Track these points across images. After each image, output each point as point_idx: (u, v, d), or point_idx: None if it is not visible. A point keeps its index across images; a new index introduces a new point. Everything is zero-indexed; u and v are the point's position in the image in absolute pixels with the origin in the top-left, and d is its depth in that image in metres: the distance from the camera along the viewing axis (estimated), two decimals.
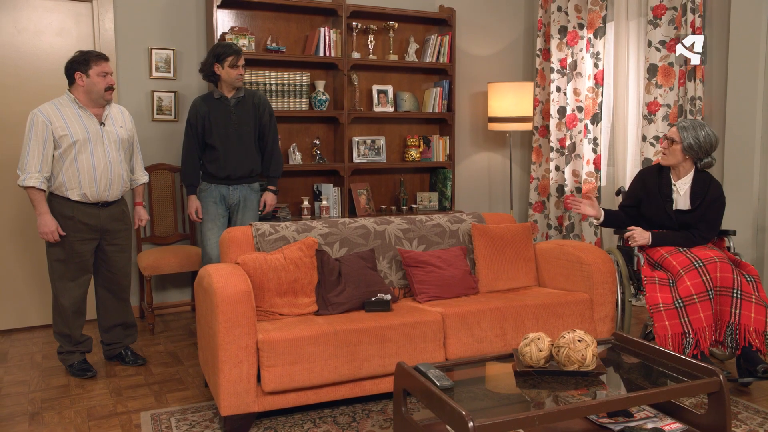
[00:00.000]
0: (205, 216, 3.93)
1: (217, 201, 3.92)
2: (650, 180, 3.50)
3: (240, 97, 3.91)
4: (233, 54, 3.80)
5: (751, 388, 3.21)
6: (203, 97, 3.94)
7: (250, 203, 4.00)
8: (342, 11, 4.75)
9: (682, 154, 3.34)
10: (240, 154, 3.89)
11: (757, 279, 3.14)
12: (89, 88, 3.28)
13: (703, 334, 3.05)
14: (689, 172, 3.39)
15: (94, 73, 3.26)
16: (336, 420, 2.87)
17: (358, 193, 5.00)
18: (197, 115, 3.87)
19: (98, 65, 3.27)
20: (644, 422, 2.33)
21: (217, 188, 3.91)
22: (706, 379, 2.23)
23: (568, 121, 5.15)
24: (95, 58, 3.28)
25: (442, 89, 5.17)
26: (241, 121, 3.90)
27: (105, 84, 3.29)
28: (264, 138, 4.01)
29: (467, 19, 5.47)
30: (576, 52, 5.08)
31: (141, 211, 3.64)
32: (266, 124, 4.00)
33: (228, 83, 3.85)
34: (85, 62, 3.26)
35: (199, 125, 3.88)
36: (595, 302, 3.35)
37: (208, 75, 3.88)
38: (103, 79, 3.28)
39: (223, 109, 3.88)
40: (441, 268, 3.38)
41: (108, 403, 3.11)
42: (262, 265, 3.03)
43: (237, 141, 3.88)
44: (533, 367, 2.37)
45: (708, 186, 3.34)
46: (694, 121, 3.36)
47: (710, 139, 3.29)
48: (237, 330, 2.69)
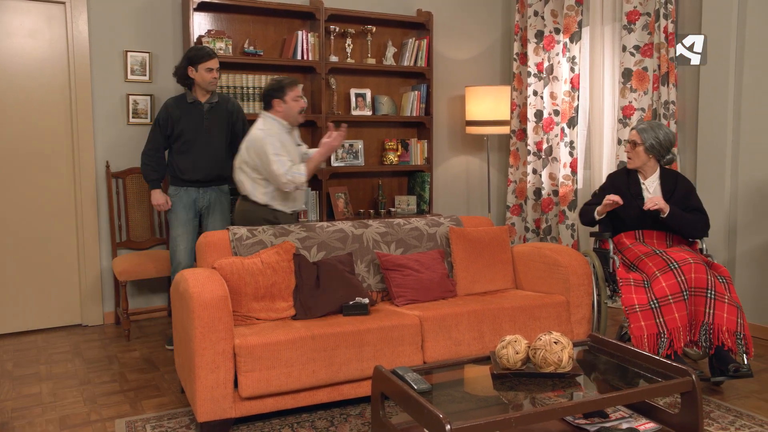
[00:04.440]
0: (174, 221, 3.92)
1: (187, 206, 3.91)
2: (620, 182, 3.58)
3: (213, 102, 3.90)
4: (208, 57, 3.79)
5: (723, 387, 3.26)
6: (176, 100, 3.91)
7: (220, 206, 3.99)
8: (320, 15, 4.75)
9: (645, 154, 3.49)
10: (210, 160, 3.88)
11: (728, 280, 3.19)
12: (286, 112, 3.60)
13: (678, 334, 3.09)
14: (655, 170, 3.55)
15: (290, 98, 3.57)
16: (314, 424, 2.86)
17: (336, 196, 4.99)
18: (168, 118, 3.86)
19: (292, 91, 3.58)
20: (619, 422, 2.36)
21: (187, 192, 3.90)
22: (679, 379, 2.26)
23: (545, 124, 5.19)
24: (290, 84, 3.59)
25: (419, 93, 5.19)
26: (214, 127, 3.89)
27: (300, 106, 3.61)
28: (235, 143, 3.92)
29: (445, 23, 5.49)
30: (552, 57, 5.12)
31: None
32: (239, 129, 3.98)
33: (202, 87, 3.84)
34: (281, 90, 3.56)
35: (169, 127, 3.86)
36: (571, 304, 3.37)
37: (183, 78, 3.85)
38: (297, 102, 3.59)
39: (195, 114, 3.86)
40: (419, 271, 3.39)
41: (82, 411, 3.06)
42: (239, 270, 3.01)
43: (208, 146, 3.88)
44: (510, 369, 2.38)
45: (676, 179, 3.52)
46: (650, 122, 3.53)
47: (669, 136, 3.48)
48: (214, 335, 2.66)
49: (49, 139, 4.34)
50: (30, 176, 4.30)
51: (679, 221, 3.39)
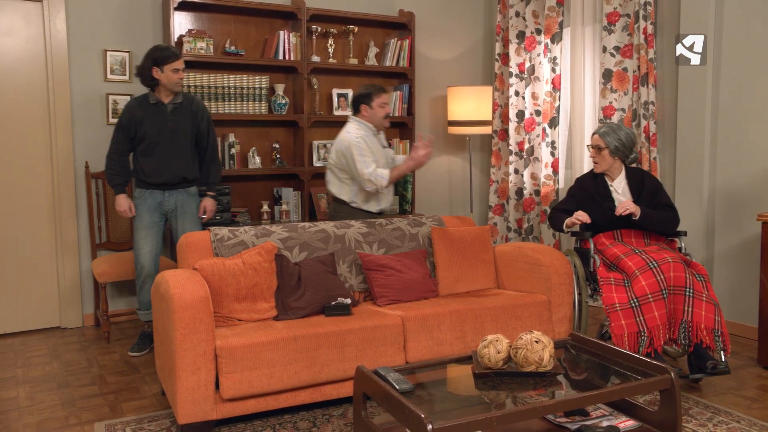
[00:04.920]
0: (138, 224, 3.83)
1: (152, 209, 3.82)
2: (588, 186, 3.64)
3: (177, 103, 3.80)
4: (174, 58, 3.69)
5: (702, 384, 3.30)
6: (138, 101, 3.81)
7: (188, 208, 3.90)
8: (301, 15, 4.73)
9: (611, 157, 3.55)
10: (175, 162, 3.80)
11: (706, 278, 3.24)
12: (372, 117, 3.84)
13: (658, 332, 3.12)
14: (621, 171, 3.61)
15: (376, 104, 3.81)
16: (296, 425, 2.85)
17: (319, 197, 4.97)
18: (131, 120, 3.76)
19: (379, 98, 3.81)
20: (600, 420, 2.37)
21: (152, 195, 3.82)
22: (658, 376, 2.29)
23: (527, 124, 5.22)
24: (377, 92, 3.81)
25: (402, 93, 5.19)
26: (178, 128, 3.79)
27: (385, 112, 3.85)
28: (201, 144, 3.91)
29: (427, 24, 5.50)
30: (534, 57, 5.15)
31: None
32: (204, 131, 3.90)
33: (168, 88, 3.74)
34: (368, 96, 3.80)
35: (132, 129, 3.77)
36: (553, 303, 3.40)
37: (146, 79, 3.74)
38: (383, 109, 3.84)
39: (159, 115, 3.76)
40: (401, 271, 3.39)
41: (60, 415, 3.02)
42: (220, 271, 3.00)
43: (172, 148, 3.79)
44: (492, 368, 2.39)
45: (642, 177, 3.58)
46: (610, 124, 3.59)
47: (630, 136, 3.54)
48: (195, 336, 2.65)
49: (27, 139, 4.29)
50: (7, 176, 4.24)
51: (651, 221, 3.45)
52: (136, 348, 3.90)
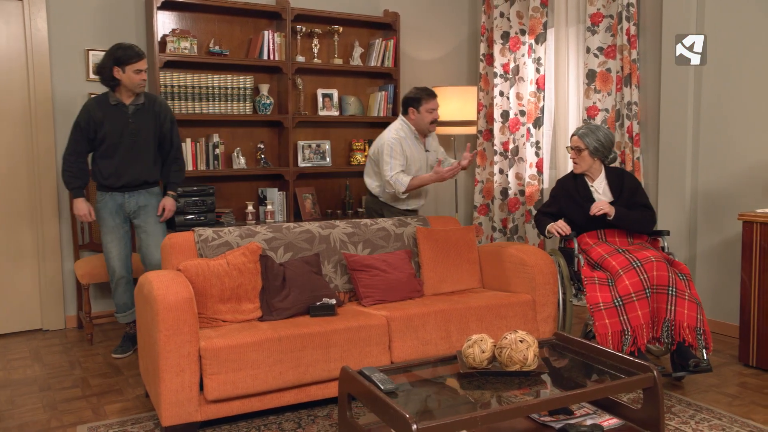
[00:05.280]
0: (103, 228, 3.74)
1: (113, 212, 3.72)
2: (569, 187, 3.66)
3: (139, 104, 3.67)
4: (137, 58, 3.55)
5: (684, 382, 3.33)
6: (98, 102, 3.66)
7: (150, 208, 3.78)
8: (286, 14, 4.72)
9: (591, 158, 3.57)
10: (136, 165, 3.69)
11: (688, 276, 3.27)
12: (418, 121, 3.89)
13: (641, 331, 3.14)
14: (601, 171, 3.63)
15: (424, 109, 3.85)
16: (281, 426, 2.84)
17: (304, 197, 4.96)
18: (90, 120, 3.63)
19: (427, 103, 3.84)
20: (584, 419, 2.39)
21: (113, 197, 3.71)
22: (641, 375, 2.30)
23: (511, 125, 5.24)
24: (426, 97, 3.83)
25: (387, 93, 5.19)
26: (140, 130, 3.67)
27: (431, 118, 3.86)
28: (164, 146, 3.81)
29: (412, 24, 5.51)
30: (518, 58, 5.18)
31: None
32: (167, 131, 3.79)
33: (130, 89, 3.61)
34: (417, 100, 3.84)
35: (91, 130, 3.64)
36: (537, 303, 3.41)
37: (106, 79, 3.59)
38: (430, 114, 3.86)
39: (120, 116, 3.63)
40: (386, 271, 3.39)
41: (41, 419, 2.99)
42: (204, 271, 2.98)
43: (133, 150, 3.67)
44: (476, 368, 2.40)
45: (622, 177, 3.60)
46: (588, 125, 3.61)
47: (609, 136, 3.57)
48: (178, 338, 2.63)
49: (8, 140, 4.24)
50: None
51: (626, 221, 3.48)
52: (119, 350, 3.85)
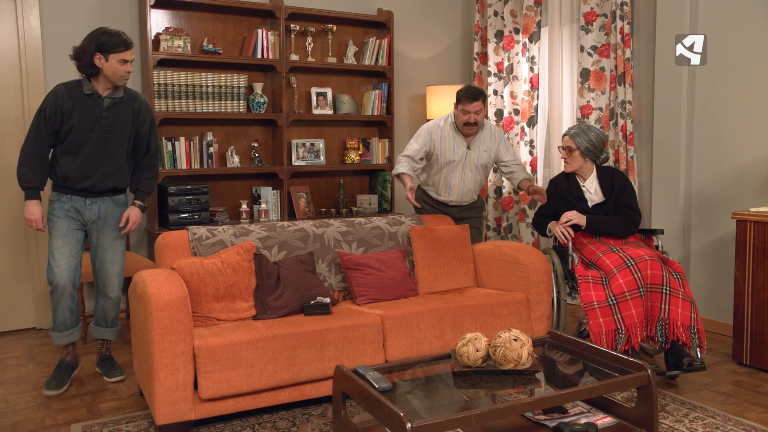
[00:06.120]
0: (53, 231, 3.20)
1: (69, 214, 3.22)
2: (562, 187, 3.66)
3: (117, 98, 3.20)
4: (124, 47, 3.09)
5: (678, 380, 3.34)
6: (69, 88, 3.16)
7: (111, 220, 3.30)
8: (280, 13, 4.71)
9: (582, 158, 3.57)
10: (103, 167, 3.21)
11: (682, 275, 3.28)
12: (456, 118, 3.88)
13: (635, 330, 3.15)
14: (592, 170, 3.63)
15: (459, 109, 3.82)
16: (275, 425, 2.84)
17: (298, 196, 4.96)
18: (57, 109, 3.11)
19: (462, 104, 3.80)
20: (578, 417, 2.39)
21: (71, 200, 3.21)
22: (635, 373, 2.31)
23: (506, 123, 5.25)
24: (463, 98, 3.78)
25: (381, 92, 5.19)
26: (114, 128, 3.20)
27: (464, 120, 3.81)
28: (139, 150, 3.36)
29: (406, 23, 5.51)
30: (512, 56, 5.18)
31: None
32: (145, 133, 3.34)
33: (110, 80, 3.14)
34: (457, 98, 3.82)
35: (57, 121, 3.12)
36: (531, 302, 3.42)
37: (85, 66, 3.10)
38: (464, 116, 3.80)
39: (92, 108, 3.15)
40: (380, 270, 3.39)
41: (35, 417, 2.98)
42: (198, 270, 2.97)
43: (103, 150, 3.19)
44: (471, 366, 2.40)
45: (613, 176, 3.61)
46: (580, 125, 3.61)
47: (601, 136, 3.57)
48: (172, 336, 2.62)
49: (0, 137, 4.21)
50: None
51: (599, 227, 3.50)
52: (52, 384, 3.24)
